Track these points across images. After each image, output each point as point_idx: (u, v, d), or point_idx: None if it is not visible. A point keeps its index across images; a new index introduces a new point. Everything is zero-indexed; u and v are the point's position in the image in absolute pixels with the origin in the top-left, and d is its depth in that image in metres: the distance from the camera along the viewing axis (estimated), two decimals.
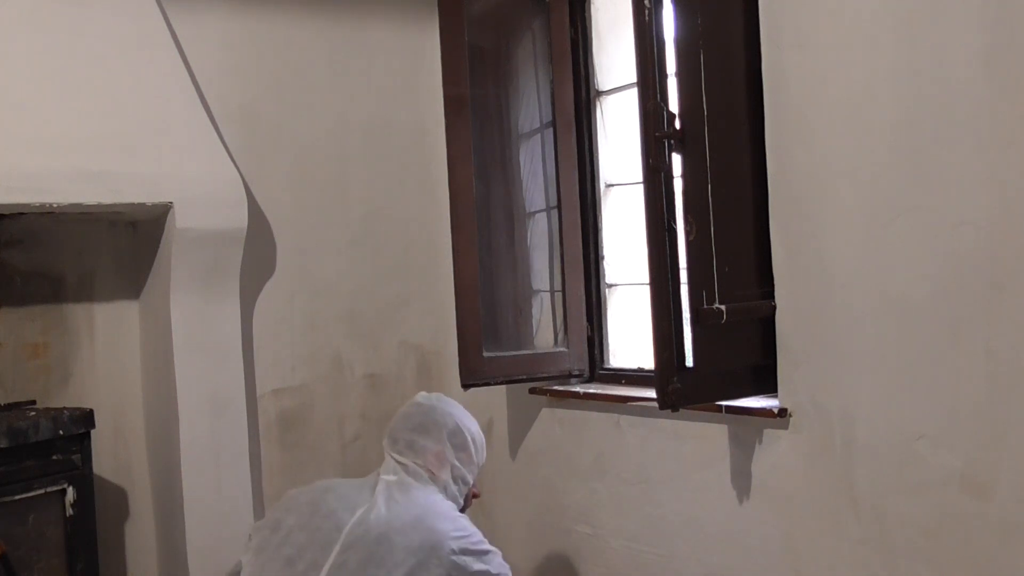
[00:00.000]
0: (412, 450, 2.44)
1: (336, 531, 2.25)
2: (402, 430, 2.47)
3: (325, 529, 2.26)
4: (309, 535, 2.26)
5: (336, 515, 2.29)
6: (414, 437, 2.45)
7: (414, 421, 2.48)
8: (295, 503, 2.36)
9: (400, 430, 2.47)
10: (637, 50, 2.51)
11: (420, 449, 2.43)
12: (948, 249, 2.21)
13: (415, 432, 2.45)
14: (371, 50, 3.78)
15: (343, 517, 2.28)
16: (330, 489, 2.39)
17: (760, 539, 2.68)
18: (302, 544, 2.25)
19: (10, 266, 3.17)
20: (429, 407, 2.51)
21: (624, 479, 3.12)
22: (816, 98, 2.47)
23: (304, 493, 2.41)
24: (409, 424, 2.48)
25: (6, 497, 2.81)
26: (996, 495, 2.16)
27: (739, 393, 2.68)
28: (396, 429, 2.49)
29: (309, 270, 3.65)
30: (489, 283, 3.35)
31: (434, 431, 2.45)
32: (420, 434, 2.45)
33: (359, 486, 2.40)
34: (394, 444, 2.46)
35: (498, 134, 3.47)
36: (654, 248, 2.52)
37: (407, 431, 2.46)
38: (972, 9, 2.15)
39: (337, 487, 2.41)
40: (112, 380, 3.34)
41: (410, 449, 2.44)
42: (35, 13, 3.01)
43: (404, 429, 2.47)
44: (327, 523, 2.27)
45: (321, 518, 2.28)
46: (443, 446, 2.45)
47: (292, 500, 2.39)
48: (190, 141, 3.20)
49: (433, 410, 2.50)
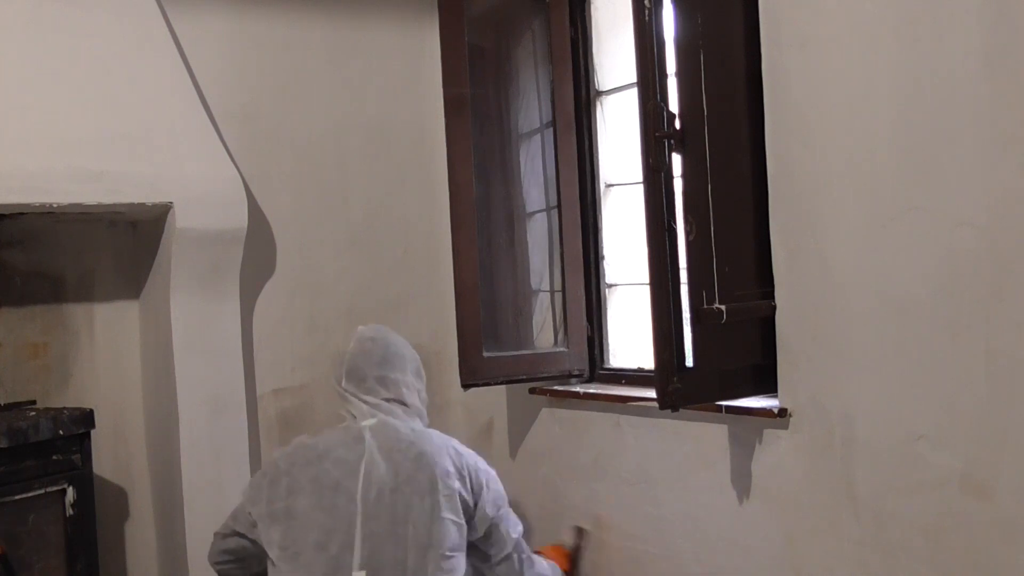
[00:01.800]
0: (383, 385, 2.47)
1: (351, 503, 2.30)
2: (367, 367, 2.48)
3: (341, 505, 2.30)
4: (328, 515, 2.30)
5: (343, 486, 2.32)
6: (383, 372, 2.48)
7: (376, 357, 2.50)
8: (295, 482, 2.36)
9: (364, 367, 2.48)
10: (637, 50, 2.51)
11: (392, 383, 2.48)
12: (948, 249, 2.21)
13: (382, 367, 2.48)
14: (371, 50, 3.78)
15: (350, 486, 2.32)
16: (323, 456, 2.38)
17: (760, 539, 2.68)
18: (326, 527, 2.29)
19: (10, 266, 3.17)
20: (383, 340, 2.54)
21: (624, 479, 3.12)
22: (816, 98, 2.47)
23: (297, 467, 2.38)
24: (373, 360, 2.49)
25: (6, 497, 2.81)
26: (996, 495, 2.16)
27: (739, 393, 2.68)
28: (359, 368, 2.49)
29: (309, 270, 3.65)
30: (489, 283, 3.36)
31: (397, 362, 2.51)
32: (387, 368, 2.49)
33: (344, 442, 2.40)
34: (362, 383, 2.47)
35: (498, 134, 3.47)
36: (654, 248, 2.52)
37: (374, 367, 2.48)
38: (972, 9, 2.15)
39: (327, 451, 2.39)
40: (112, 380, 3.34)
41: (381, 385, 2.47)
42: (35, 13, 3.01)
43: (369, 365, 2.48)
44: (340, 498, 2.31)
45: (331, 493, 2.32)
46: (407, 375, 2.51)
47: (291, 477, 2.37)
48: (190, 141, 3.20)
49: (387, 342, 2.53)
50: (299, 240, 3.63)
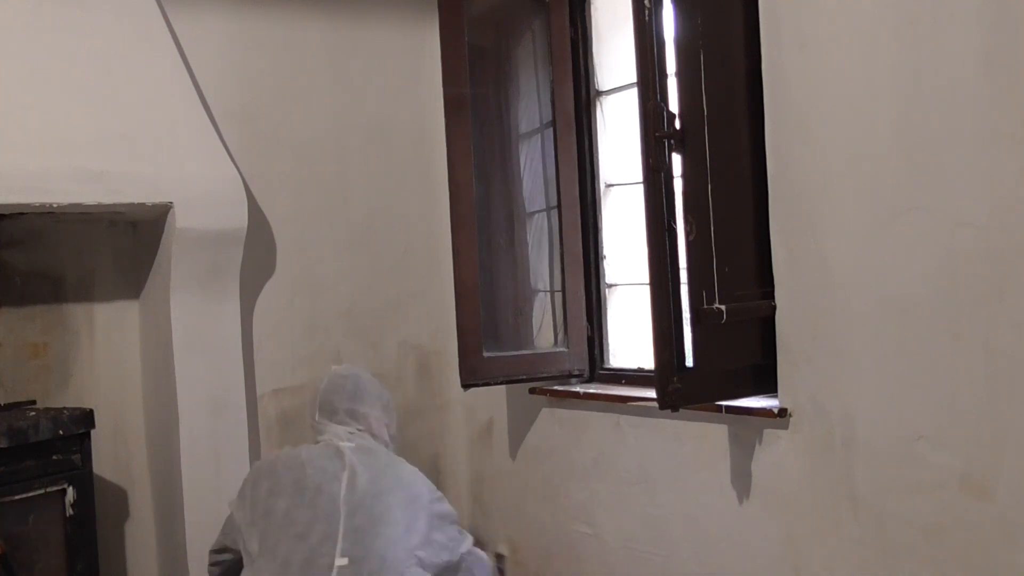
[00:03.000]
0: (353, 417, 2.66)
1: (333, 502, 2.43)
2: (339, 401, 2.67)
3: (322, 503, 2.43)
4: (310, 511, 2.42)
5: (325, 490, 2.46)
6: (353, 406, 2.67)
7: (347, 391, 2.68)
8: (277, 484, 2.50)
9: (336, 402, 2.67)
10: (637, 50, 2.51)
11: (361, 416, 2.66)
12: (948, 249, 2.21)
13: (352, 401, 2.67)
14: (371, 50, 3.78)
15: (332, 490, 2.45)
16: (306, 463, 2.53)
17: (760, 539, 2.68)
18: (307, 520, 2.40)
19: (10, 266, 3.17)
20: (354, 377, 2.73)
21: (624, 479, 3.12)
22: (816, 98, 2.47)
23: (281, 471, 2.53)
24: (344, 395, 2.68)
25: (6, 497, 2.81)
26: (996, 495, 2.16)
27: (739, 393, 2.68)
28: (331, 402, 2.68)
29: (309, 270, 3.65)
30: (489, 283, 3.36)
31: (367, 398, 2.69)
32: (357, 402, 2.67)
33: (326, 455, 2.56)
34: (332, 415, 2.66)
35: (498, 134, 3.47)
36: (654, 248, 2.52)
37: (345, 401, 2.67)
38: (972, 9, 2.15)
39: (309, 460, 2.55)
40: (112, 380, 3.34)
41: (351, 417, 2.66)
42: (35, 13, 3.01)
43: (341, 400, 2.67)
44: (321, 497, 2.44)
45: (312, 495, 2.45)
46: (377, 409, 2.68)
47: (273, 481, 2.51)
48: (190, 141, 3.20)
49: (359, 379, 2.73)
50: (299, 240, 3.63)
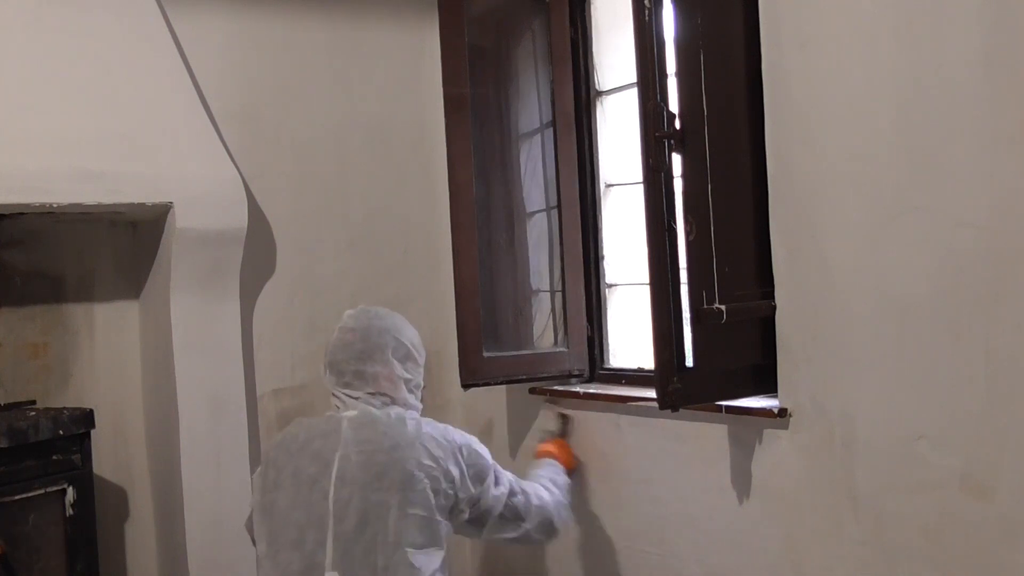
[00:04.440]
0: (362, 379, 2.37)
1: (324, 500, 2.26)
2: (345, 362, 2.39)
3: (315, 502, 2.27)
4: (304, 512, 2.27)
5: (318, 482, 2.28)
6: (360, 367, 2.37)
7: (354, 349, 2.39)
8: (279, 474, 2.34)
9: (343, 363, 2.39)
10: (637, 50, 2.51)
11: (370, 377, 2.38)
12: (948, 249, 2.21)
13: (359, 361, 2.38)
14: (371, 50, 3.78)
15: (324, 482, 2.27)
16: (303, 448, 2.34)
17: (760, 539, 2.68)
18: (301, 524, 2.27)
19: (10, 266, 3.17)
20: (363, 329, 2.41)
21: (624, 479, 3.12)
22: (816, 98, 2.47)
23: (283, 456, 2.36)
24: (350, 354, 2.39)
25: (6, 497, 2.81)
26: (996, 495, 2.16)
27: (739, 393, 2.68)
28: (338, 362, 2.40)
29: (309, 270, 3.65)
30: (489, 283, 3.35)
31: (377, 354, 2.39)
32: (365, 362, 2.37)
33: (324, 433, 2.34)
34: (340, 378, 2.39)
35: (498, 134, 3.47)
36: (654, 248, 2.52)
37: (352, 361, 2.38)
38: (972, 9, 2.15)
39: (307, 442, 2.34)
40: (112, 380, 3.34)
41: (359, 379, 2.37)
42: (35, 13, 3.01)
43: (347, 360, 2.39)
44: (315, 494, 2.27)
45: (307, 489, 2.28)
46: (390, 366, 2.39)
47: (277, 470, 2.36)
48: (190, 141, 3.20)
49: (368, 332, 2.40)
50: (299, 240, 3.63)
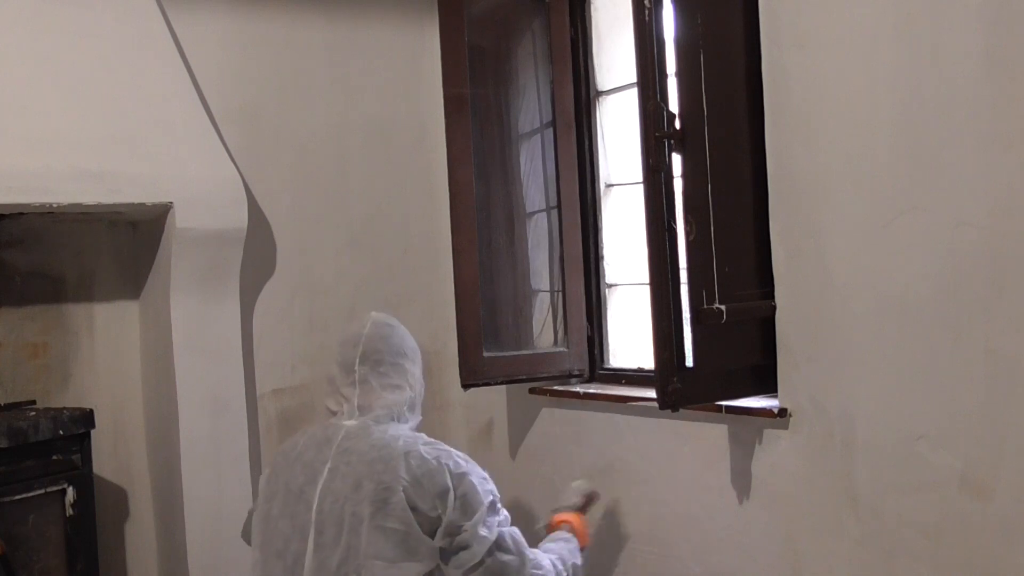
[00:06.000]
0: (398, 371, 2.39)
1: (308, 511, 2.26)
2: (387, 352, 2.40)
3: (300, 512, 2.27)
4: (290, 522, 2.28)
5: (305, 494, 2.28)
6: (398, 360, 2.40)
7: (393, 343, 2.41)
8: (276, 484, 2.35)
9: (384, 351, 2.39)
10: (637, 50, 2.51)
11: (404, 371, 2.40)
12: (948, 249, 2.22)
13: (398, 355, 2.40)
14: (371, 50, 3.78)
15: (310, 494, 2.28)
16: (298, 458, 2.34)
17: (760, 539, 2.68)
18: (286, 534, 2.28)
19: (10, 266, 3.17)
20: (401, 329, 2.46)
21: (624, 479, 3.12)
22: (816, 98, 2.47)
23: (282, 464, 2.38)
24: (390, 346, 2.41)
25: (6, 497, 2.81)
26: (996, 495, 2.16)
27: (739, 393, 2.68)
28: (378, 351, 2.40)
29: (309, 270, 3.65)
30: (489, 283, 3.36)
31: (408, 351, 2.43)
32: (401, 356, 2.41)
33: (317, 443, 2.34)
34: (378, 365, 2.38)
35: (498, 134, 3.47)
36: (654, 248, 2.52)
37: (391, 354, 2.40)
38: (972, 9, 2.15)
39: (301, 453, 2.35)
40: (112, 380, 3.34)
41: (396, 371, 2.39)
42: (36, 13, 3.01)
43: (390, 352, 2.40)
44: (300, 505, 2.28)
45: (295, 500, 2.29)
46: (416, 365, 2.45)
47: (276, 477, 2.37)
48: (190, 141, 3.20)
49: (404, 333, 2.45)
50: (299, 240, 3.63)
